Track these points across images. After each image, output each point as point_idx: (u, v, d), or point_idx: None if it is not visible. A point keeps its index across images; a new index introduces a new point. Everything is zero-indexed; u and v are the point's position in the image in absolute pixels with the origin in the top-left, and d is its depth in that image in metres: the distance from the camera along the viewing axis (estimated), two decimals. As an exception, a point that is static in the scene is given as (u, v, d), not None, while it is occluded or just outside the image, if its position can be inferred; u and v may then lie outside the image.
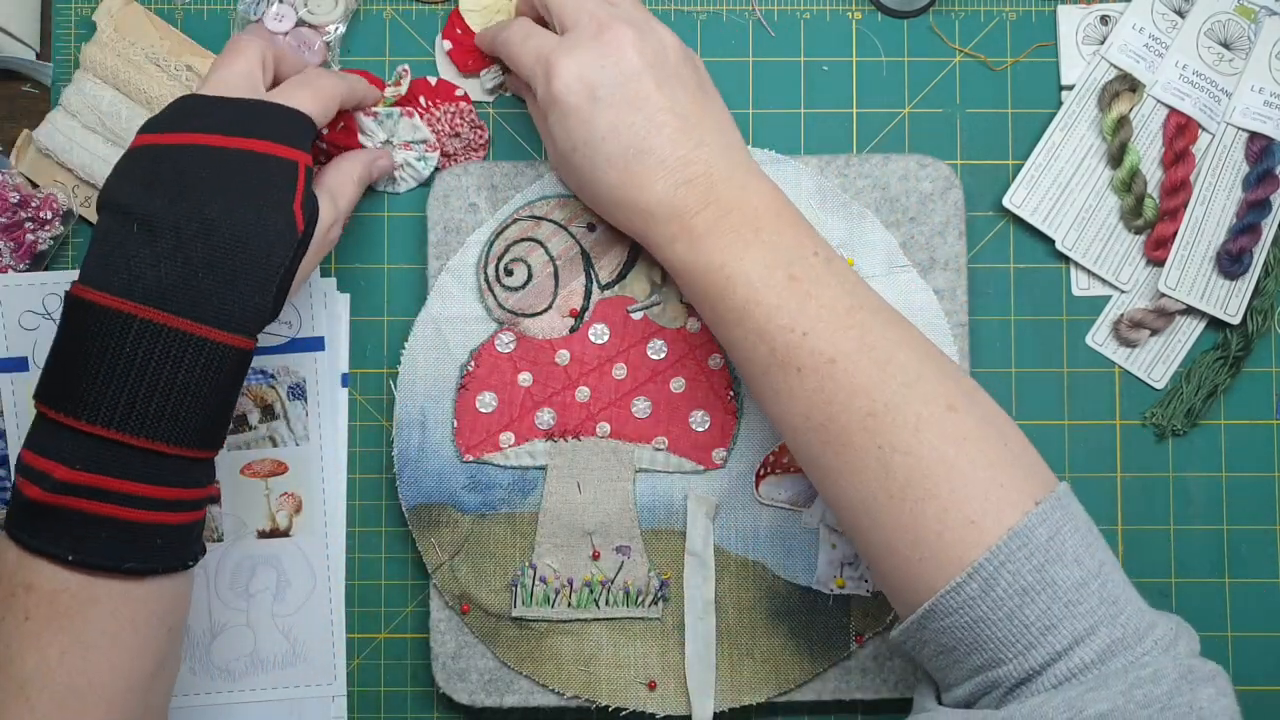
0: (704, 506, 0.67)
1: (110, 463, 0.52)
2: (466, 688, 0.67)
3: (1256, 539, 0.70)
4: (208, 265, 0.53)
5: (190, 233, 0.53)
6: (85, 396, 0.52)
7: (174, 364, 0.52)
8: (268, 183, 0.55)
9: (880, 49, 0.71)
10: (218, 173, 0.54)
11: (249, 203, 0.54)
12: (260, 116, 0.57)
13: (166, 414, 0.52)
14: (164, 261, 0.53)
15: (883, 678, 0.67)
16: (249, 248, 0.54)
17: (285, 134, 0.57)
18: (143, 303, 0.52)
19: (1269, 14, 0.70)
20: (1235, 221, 0.69)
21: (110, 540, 0.52)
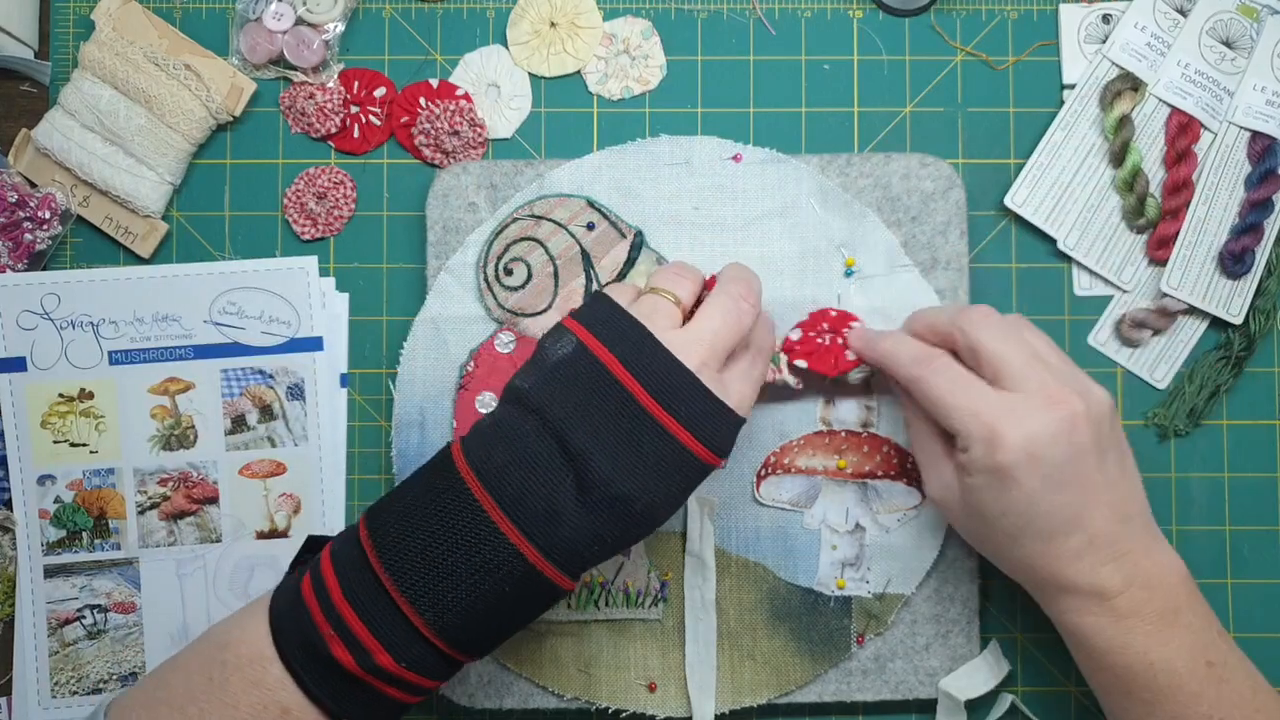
0: (704, 507, 0.66)
1: (423, 665, 0.52)
2: (466, 689, 0.67)
3: (1259, 539, 0.70)
4: (598, 528, 0.52)
5: (599, 496, 0.52)
6: (442, 600, 0.52)
7: (519, 597, 0.52)
8: (678, 477, 0.54)
9: (881, 48, 0.71)
10: (644, 449, 0.53)
11: (654, 490, 0.53)
12: (703, 408, 0.54)
13: (488, 635, 0.53)
14: (575, 517, 0.52)
15: (884, 679, 0.67)
16: (633, 530, 0.53)
17: (716, 437, 0.54)
18: (503, 509, 0.52)
19: (1271, 13, 0.70)
20: (1237, 221, 0.69)
21: (364, 704, 0.53)
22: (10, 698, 0.68)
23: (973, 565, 0.67)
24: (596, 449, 0.52)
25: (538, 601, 0.54)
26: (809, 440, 0.67)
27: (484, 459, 0.53)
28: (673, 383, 0.53)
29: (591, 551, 0.53)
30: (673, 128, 0.70)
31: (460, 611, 0.52)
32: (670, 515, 0.55)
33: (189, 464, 0.68)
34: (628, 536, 0.54)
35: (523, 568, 0.52)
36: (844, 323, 0.65)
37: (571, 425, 0.53)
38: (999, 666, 0.67)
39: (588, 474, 0.52)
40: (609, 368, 0.54)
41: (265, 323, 0.68)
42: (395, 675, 0.52)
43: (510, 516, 0.52)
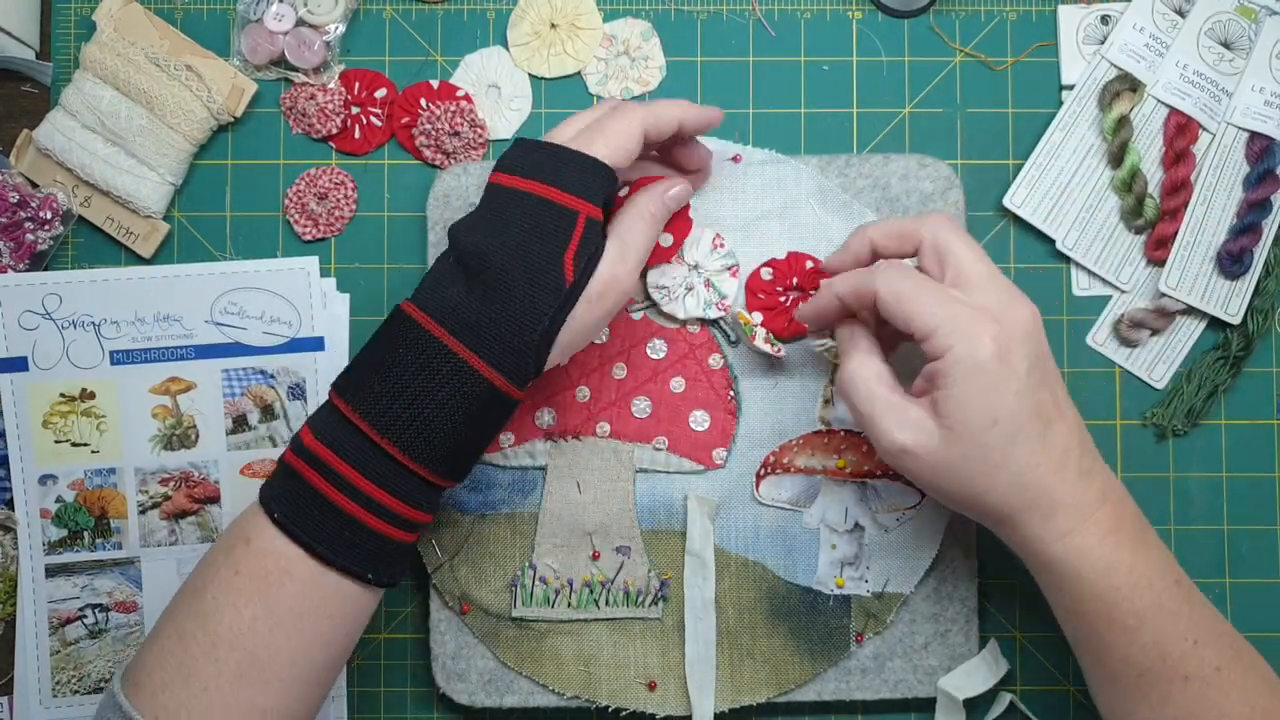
0: (704, 506, 0.67)
1: (350, 448, 0.54)
2: (466, 688, 0.67)
3: (1257, 539, 0.70)
4: (482, 296, 0.55)
5: (475, 266, 0.56)
6: (360, 384, 0.55)
7: (440, 380, 0.55)
8: (543, 228, 0.56)
9: (880, 49, 0.71)
10: (507, 212, 0.57)
11: (524, 245, 0.56)
12: (560, 163, 0.57)
13: (416, 427, 0.54)
14: (457, 291, 0.56)
15: (883, 678, 0.67)
16: (515, 287, 0.55)
17: (574, 182, 0.57)
18: (430, 315, 0.55)
19: (1269, 14, 0.70)
20: (1235, 221, 0.69)
21: (318, 521, 0.54)
22: (11, 697, 0.69)
23: (971, 565, 0.68)
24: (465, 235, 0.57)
25: (492, 412, 0.56)
26: (808, 440, 0.67)
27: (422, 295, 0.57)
28: (523, 155, 0.58)
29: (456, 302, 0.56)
30: (672, 128, 0.70)
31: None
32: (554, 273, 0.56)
33: (190, 464, 0.68)
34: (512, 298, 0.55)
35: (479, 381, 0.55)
36: (814, 280, 0.66)
37: (457, 232, 0.58)
38: (998, 665, 0.67)
39: (461, 258, 0.57)
40: (490, 178, 0.59)
41: (266, 323, 0.68)
42: (326, 463, 0.54)
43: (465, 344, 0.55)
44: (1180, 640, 0.55)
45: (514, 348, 0.55)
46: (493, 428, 0.57)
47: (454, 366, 0.55)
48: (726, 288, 0.66)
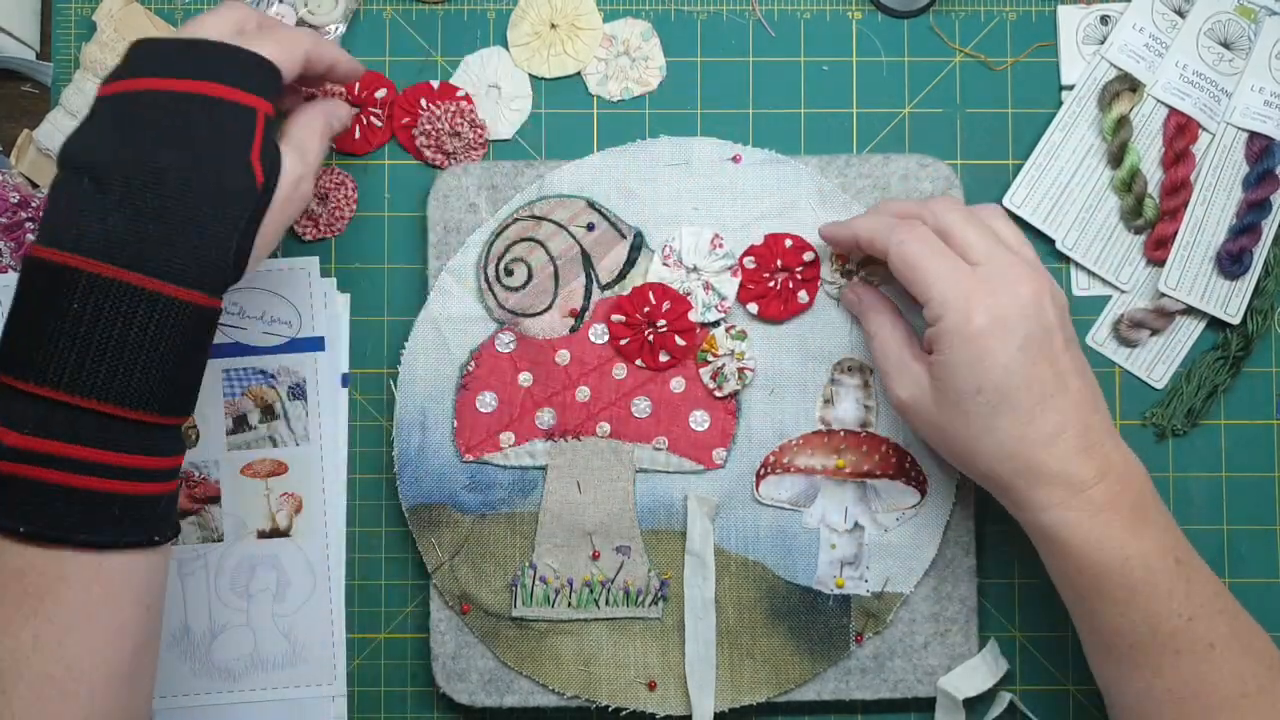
0: (704, 506, 0.67)
1: (60, 426, 0.49)
2: (466, 688, 0.67)
3: (1256, 539, 0.70)
4: (157, 216, 0.50)
5: (139, 183, 0.50)
6: (33, 358, 0.49)
7: (124, 321, 0.49)
8: (222, 130, 0.52)
9: (880, 49, 0.71)
10: (170, 118, 0.51)
11: (202, 150, 0.51)
12: (218, 60, 0.53)
13: (119, 374, 0.50)
14: (112, 214, 0.50)
15: (883, 678, 0.67)
16: (202, 198, 0.51)
17: (244, 79, 0.53)
18: (89, 256, 0.49)
19: (1269, 14, 0.70)
20: (1235, 221, 0.69)
21: (64, 511, 0.49)
22: (12, 696, 0.69)
23: (971, 564, 0.68)
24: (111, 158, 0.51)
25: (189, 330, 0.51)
26: (808, 440, 0.67)
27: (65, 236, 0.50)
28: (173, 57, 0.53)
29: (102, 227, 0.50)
30: (672, 129, 0.70)
31: (44, 350, 0.49)
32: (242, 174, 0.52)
33: (190, 463, 0.68)
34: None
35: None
36: (798, 257, 0.66)
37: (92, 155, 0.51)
38: (997, 665, 0.67)
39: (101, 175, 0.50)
40: (111, 93, 0.53)
41: (267, 323, 0.68)
42: (43, 453, 0.49)
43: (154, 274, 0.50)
44: (1173, 617, 0.55)
45: (210, 262, 0.51)
46: (205, 345, 0.53)
47: (147, 302, 0.50)
48: (727, 289, 0.67)
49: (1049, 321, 0.57)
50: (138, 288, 0.50)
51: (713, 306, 0.67)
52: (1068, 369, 0.57)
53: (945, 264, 0.58)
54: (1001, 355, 0.56)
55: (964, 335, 0.56)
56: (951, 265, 0.57)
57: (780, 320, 0.67)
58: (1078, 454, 0.56)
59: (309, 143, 0.58)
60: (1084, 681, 0.68)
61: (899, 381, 0.61)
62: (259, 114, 0.53)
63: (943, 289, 0.57)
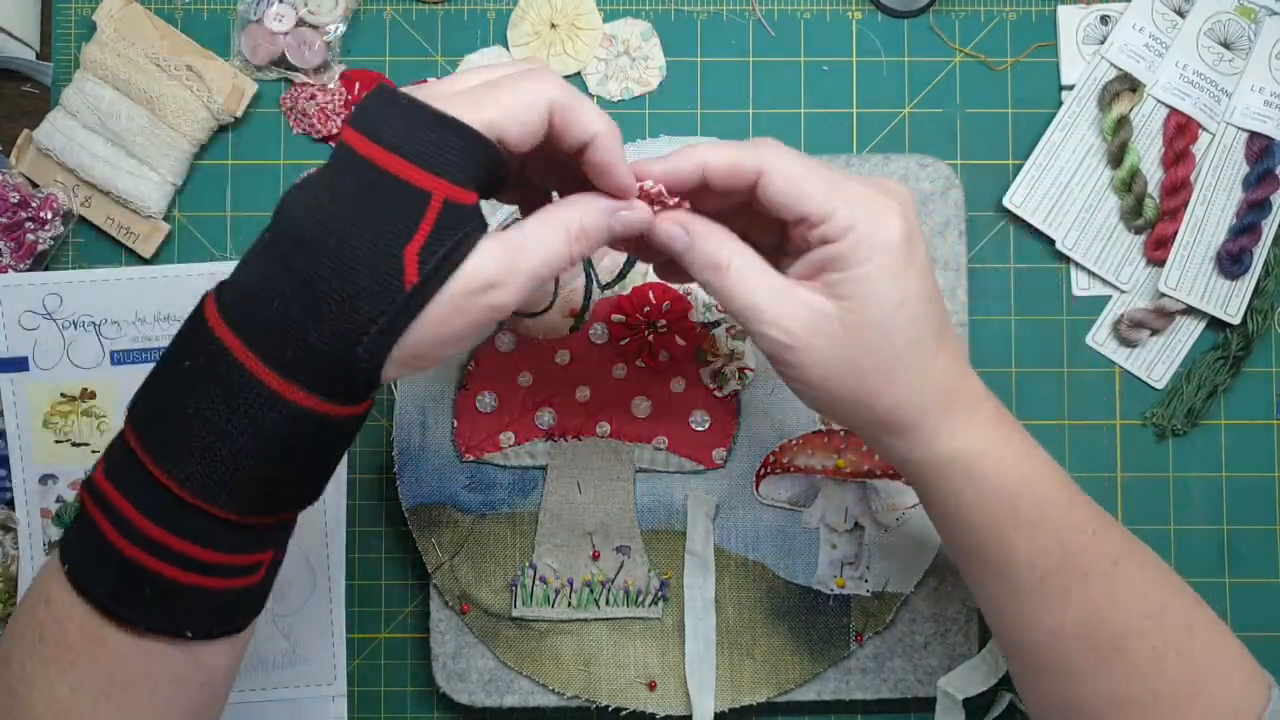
0: (704, 506, 0.67)
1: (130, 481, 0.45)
2: (466, 688, 0.67)
3: (1256, 539, 0.70)
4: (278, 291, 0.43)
5: (284, 241, 0.43)
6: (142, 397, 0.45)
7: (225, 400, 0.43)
8: (378, 212, 0.43)
9: (880, 49, 0.71)
10: (337, 183, 0.43)
11: (350, 230, 0.43)
12: (418, 124, 0.43)
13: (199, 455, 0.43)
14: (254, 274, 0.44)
15: (883, 677, 0.67)
16: (331, 282, 0.42)
17: (431, 152, 0.43)
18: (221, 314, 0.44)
19: (1269, 14, 0.70)
20: (1235, 221, 0.69)
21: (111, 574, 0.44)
22: (12, 696, 0.69)
23: (971, 564, 0.68)
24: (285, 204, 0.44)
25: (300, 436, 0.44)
26: (808, 440, 0.67)
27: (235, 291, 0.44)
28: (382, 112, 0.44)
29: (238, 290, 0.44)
30: (673, 128, 0.70)
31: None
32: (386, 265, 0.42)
33: (191, 464, 0.68)
34: None
35: (271, 397, 0.43)
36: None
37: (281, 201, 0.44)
38: (997, 665, 0.67)
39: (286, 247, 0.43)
40: (349, 143, 0.44)
41: (267, 323, 0.68)
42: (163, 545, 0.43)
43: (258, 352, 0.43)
44: (1078, 532, 0.52)
45: (330, 359, 0.43)
46: (322, 454, 0.45)
47: (243, 381, 0.43)
48: None
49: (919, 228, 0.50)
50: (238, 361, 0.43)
51: (713, 306, 0.67)
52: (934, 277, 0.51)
53: (833, 173, 0.49)
54: (919, 261, 0.48)
55: (882, 242, 0.47)
56: (840, 173, 0.49)
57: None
58: (966, 366, 0.51)
59: (535, 243, 0.46)
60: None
61: (787, 313, 0.48)
62: (434, 198, 0.43)
63: (844, 198, 0.48)
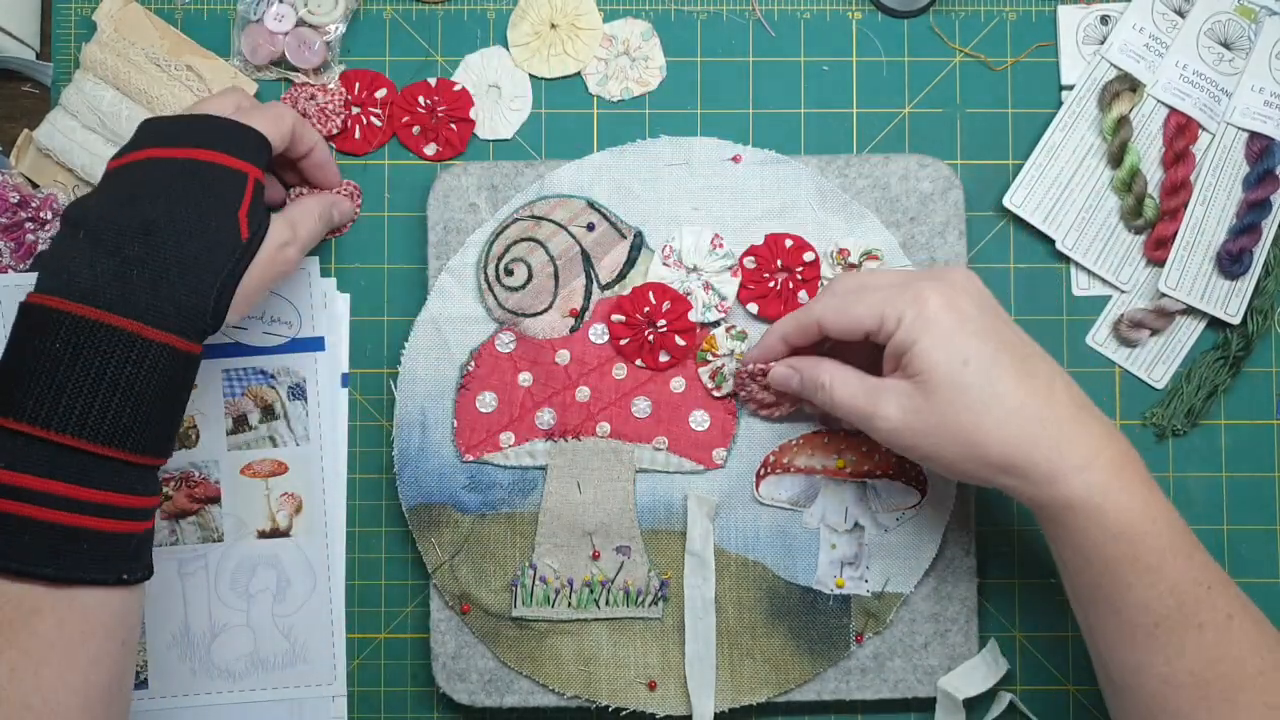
0: (704, 506, 0.67)
1: (33, 460, 0.51)
2: (466, 688, 0.67)
3: (1256, 539, 0.70)
4: (142, 262, 0.53)
5: (130, 233, 0.54)
6: (13, 396, 0.51)
7: (102, 360, 0.52)
8: (213, 188, 0.56)
9: (880, 49, 0.71)
10: (166, 179, 0.55)
11: (192, 205, 0.55)
12: (214, 131, 0.58)
13: (93, 411, 0.51)
14: (101, 261, 0.53)
15: (883, 678, 0.67)
16: (186, 246, 0.54)
17: (236, 147, 0.57)
18: (74, 300, 0.52)
19: (1269, 14, 0.70)
20: (1235, 221, 0.69)
21: (33, 545, 0.50)
22: (13, 696, 0.69)
23: (971, 564, 0.68)
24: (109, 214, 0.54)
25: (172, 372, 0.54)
26: (808, 440, 0.67)
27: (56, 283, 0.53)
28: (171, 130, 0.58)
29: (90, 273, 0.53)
30: (672, 128, 0.70)
31: (22, 386, 0.51)
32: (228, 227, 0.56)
33: (191, 463, 0.68)
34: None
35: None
36: (798, 257, 0.66)
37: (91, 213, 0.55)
38: (997, 665, 0.67)
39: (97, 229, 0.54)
40: (114, 164, 0.57)
41: (267, 323, 0.68)
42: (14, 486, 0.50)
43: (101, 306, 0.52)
44: (1195, 585, 0.54)
45: (190, 307, 0.54)
46: (183, 389, 0.55)
47: (125, 342, 0.52)
48: (727, 289, 0.67)
49: (986, 297, 0.58)
50: (117, 328, 0.52)
51: (713, 306, 0.67)
52: (1023, 336, 0.58)
53: (874, 285, 0.59)
54: (969, 323, 0.56)
55: (926, 319, 0.56)
56: (880, 281, 0.59)
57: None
58: (1080, 410, 0.55)
59: (301, 219, 0.62)
60: (1084, 681, 0.68)
61: (881, 405, 0.58)
62: (249, 178, 0.57)
63: (885, 300, 0.58)
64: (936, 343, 0.56)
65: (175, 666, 0.68)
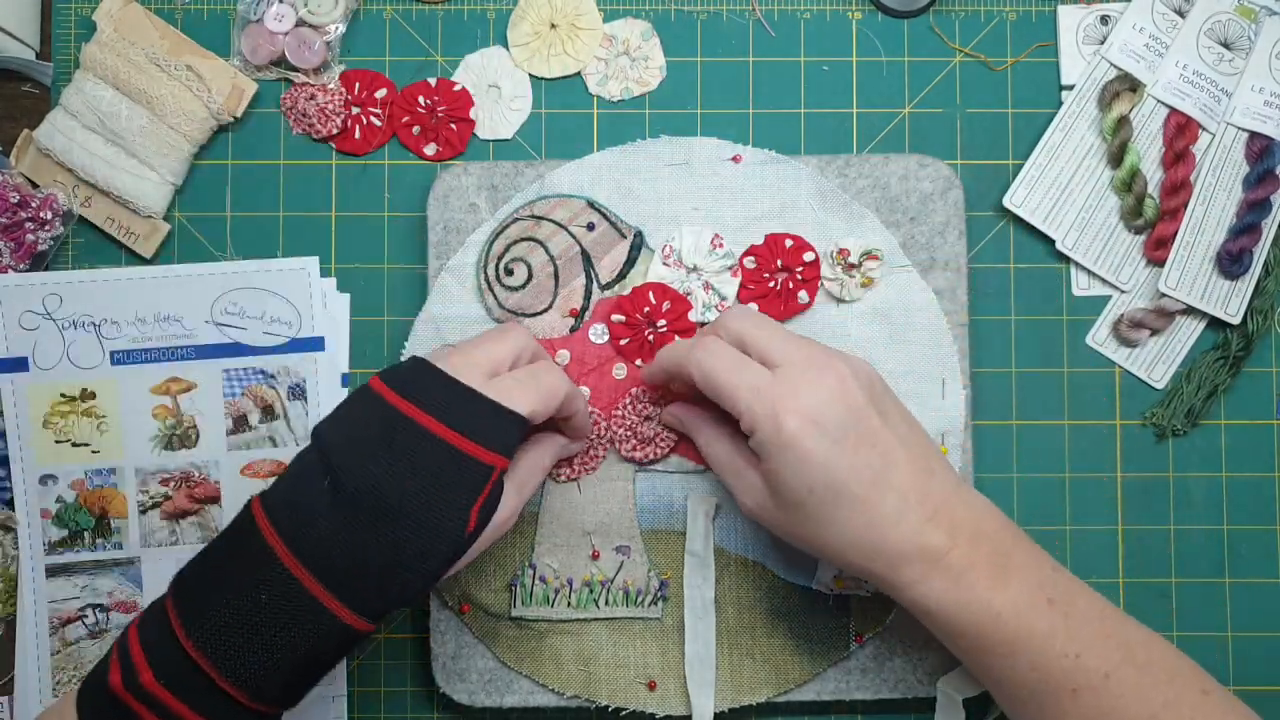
0: (704, 506, 0.67)
1: (187, 687, 0.51)
2: (466, 688, 0.67)
3: (1256, 539, 0.70)
4: (365, 546, 0.52)
5: (366, 506, 0.52)
6: (206, 615, 0.52)
7: (296, 624, 0.52)
8: (457, 483, 0.54)
9: (880, 49, 0.71)
10: (418, 456, 0.53)
11: (439, 498, 0.53)
12: (479, 413, 0.55)
13: (264, 668, 0.52)
14: (341, 531, 0.52)
15: (882, 678, 0.67)
16: (417, 539, 0.53)
17: (494, 437, 0.55)
18: (296, 555, 0.52)
19: (1269, 14, 0.70)
20: (1235, 221, 0.69)
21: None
22: (12, 697, 0.69)
23: (971, 564, 0.68)
24: (356, 465, 0.53)
25: (344, 649, 0.54)
26: (808, 440, 0.67)
27: (288, 519, 0.53)
28: (441, 394, 0.55)
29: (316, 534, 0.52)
30: (672, 128, 0.70)
31: (219, 614, 0.51)
32: (457, 524, 0.54)
33: (191, 464, 0.68)
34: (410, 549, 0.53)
35: (336, 626, 0.52)
36: (798, 257, 0.66)
37: (342, 454, 0.53)
38: (997, 665, 0.67)
39: (340, 480, 0.53)
40: (382, 395, 0.55)
41: (267, 323, 0.68)
42: (162, 703, 0.51)
43: (318, 577, 0.52)
44: (1059, 658, 0.55)
45: (390, 596, 0.53)
46: (337, 658, 0.55)
47: (308, 609, 0.52)
48: (727, 289, 0.67)
49: (858, 404, 0.56)
50: (319, 602, 0.52)
51: (713, 306, 0.67)
52: (891, 444, 0.56)
53: (746, 376, 0.57)
54: (819, 454, 0.55)
55: (779, 444, 0.55)
56: (752, 375, 0.57)
57: (780, 320, 0.67)
58: (925, 524, 0.56)
59: (530, 480, 0.60)
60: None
61: (740, 489, 0.60)
62: (495, 471, 0.55)
63: (749, 402, 0.56)
64: (784, 469, 0.56)
65: (175, 666, 0.68)
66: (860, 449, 0.56)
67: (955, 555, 0.56)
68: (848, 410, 0.56)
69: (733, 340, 0.59)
